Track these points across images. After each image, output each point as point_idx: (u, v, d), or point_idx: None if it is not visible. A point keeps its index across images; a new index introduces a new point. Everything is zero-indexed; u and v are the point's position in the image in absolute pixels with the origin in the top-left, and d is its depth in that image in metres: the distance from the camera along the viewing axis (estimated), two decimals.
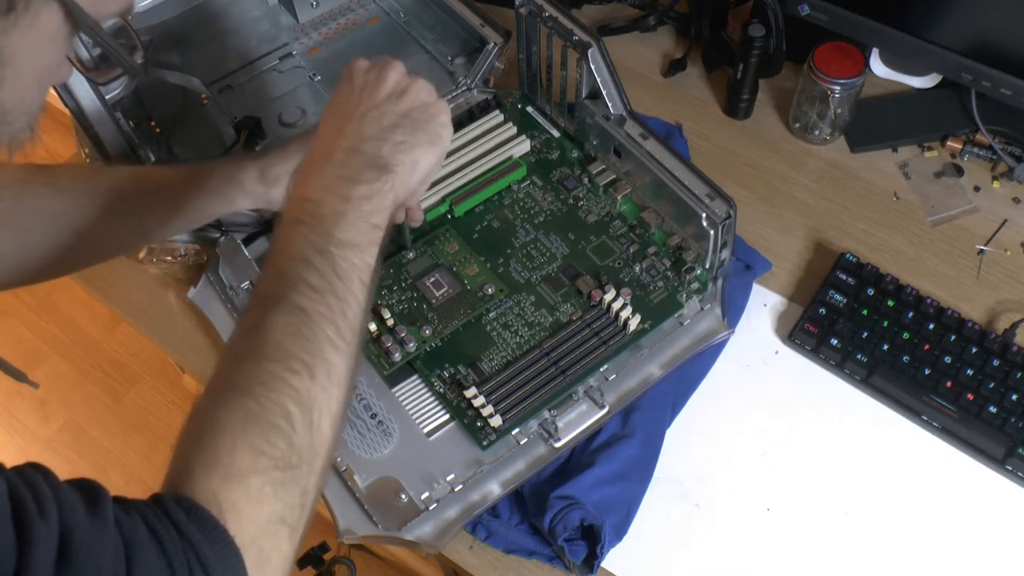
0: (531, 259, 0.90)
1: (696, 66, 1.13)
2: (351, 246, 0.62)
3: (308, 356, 0.57)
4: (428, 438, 0.81)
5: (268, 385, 0.55)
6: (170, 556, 0.47)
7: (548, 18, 0.90)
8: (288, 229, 0.62)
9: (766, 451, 0.84)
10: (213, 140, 1.00)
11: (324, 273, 0.60)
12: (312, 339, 0.58)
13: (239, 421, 0.53)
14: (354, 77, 0.71)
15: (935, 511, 0.80)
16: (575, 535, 0.77)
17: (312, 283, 0.60)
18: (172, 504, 0.49)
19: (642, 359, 0.85)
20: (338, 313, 0.60)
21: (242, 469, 0.52)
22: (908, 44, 0.95)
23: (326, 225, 0.62)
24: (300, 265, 0.60)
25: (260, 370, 0.56)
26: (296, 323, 0.58)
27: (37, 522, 0.43)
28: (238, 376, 0.56)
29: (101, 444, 1.87)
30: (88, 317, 2.02)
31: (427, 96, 0.71)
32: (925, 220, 0.98)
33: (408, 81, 0.71)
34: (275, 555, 0.52)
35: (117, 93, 0.96)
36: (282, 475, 0.53)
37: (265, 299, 0.59)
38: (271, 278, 0.61)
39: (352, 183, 0.64)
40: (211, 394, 0.56)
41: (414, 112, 0.70)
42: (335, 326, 0.59)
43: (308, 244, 0.61)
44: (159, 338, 0.96)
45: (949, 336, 0.86)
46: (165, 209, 0.84)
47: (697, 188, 0.84)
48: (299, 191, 0.64)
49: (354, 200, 0.64)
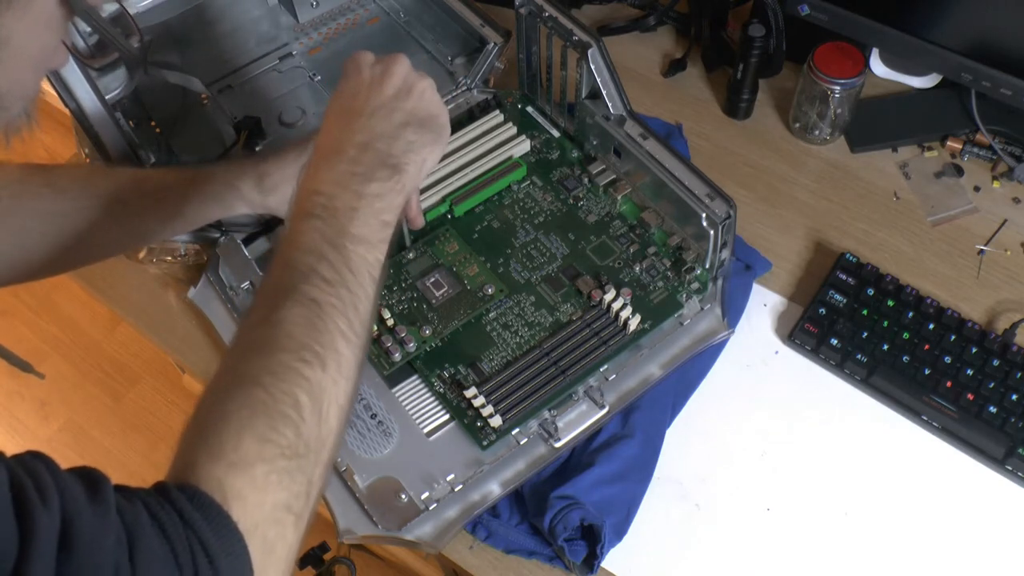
0: (531, 259, 0.90)
1: (696, 66, 1.13)
2: (363, 241, 0.63)
3: (320, 347, 0.57)
4: (428, 438, 0.81)
5: (279, 375, 0.55)
6: (173, 542, 0.46)
7: (548, 18, 0.90)
8: (300, 222, 0.62)
9: (766, 451, 0.84)
10: (213, 140, 1.00)
11: (337, 267, 0.61)
12: (324, 330, 0.58)
13: (247, 410, 0.53)
14: (361, 70, 0.70)
15: (935, 511, 0.80)
16: (575, 535, 0.77)
17: (325, 276, 0.60)
18: (175, 491, 0.49)
19: (642, 359, 0.85)
20: (350, 306, 0.60)
21: (248, 457, 0.51)
22: (908, 44, 0.95)
23: (339, 219, 0.62)
24: (313, 258, 0.60)
25: (272, 361, 0.56)
26: (309, 314, 0.58)
27: (39, 510, 0.43)
28: (249, 366, 0.56)
29: (101, 444, 1.88)
30: (88, 317, 2.02)
31: (431, 95, 0.71)
32: (925, 220, 0.98)
33: (414, 78, 0.71)
34: (280, 544, 0.52)
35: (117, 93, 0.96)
36: (288, 464, 0.53)
37: (277, 290, 0.59)
38: (283, 269, 0.61)
39: (365, 180, 0.65)
40: (220, 384, 0.56)
41: (420, 111, 0.70)
42: (347, 319, 0.59)
43: (321, 237, 0.61)
44: (159, 338, 0.96)
45: (949, 336, 0.86)
46: (164, 213, 0.85)
47: (697, 188, 0.84)
48: (311, 184, 0.64)
49: (367, 197, 0.64)
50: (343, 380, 0.58)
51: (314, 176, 0.65)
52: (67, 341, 2.00)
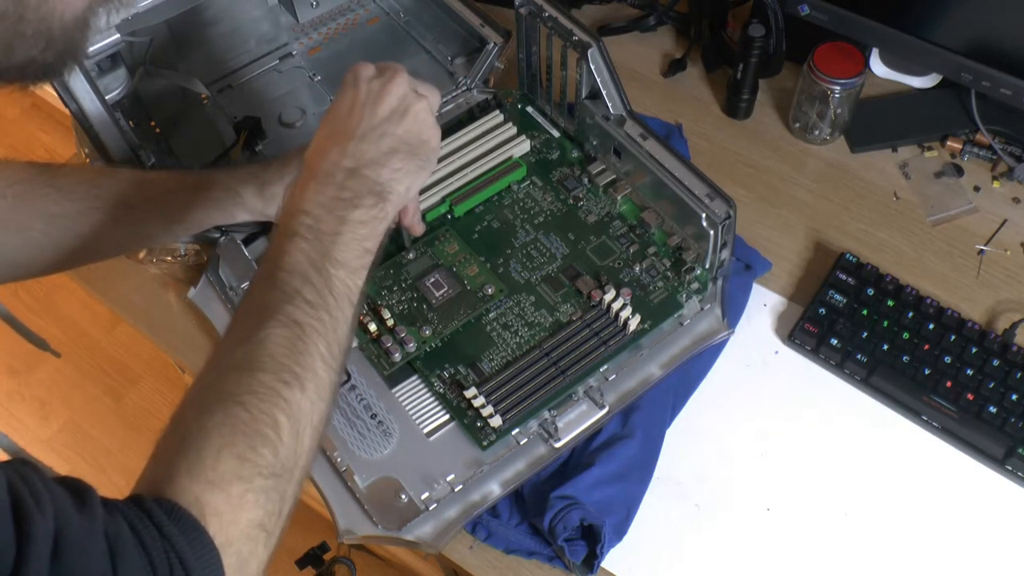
0: (531, 259, 0.90)
1: (696, 66, 1.13)
2: (345, 266, 0.64)
3: (300, 369, 0.58)
4: (428, 438, 0.81)
5: (260, 395, 0.56)
6: (152, 555, 0.47)
7: (548, 18, 0.90)
8: (286, 240, 0.63)
9: (766, 451, 0.84)
10: (213, 140, 1.00)
11: (320, 290, 0.62)
12: (305, 352, 0.59)
13: (228, 428, 0.54)
14: (359, 84, 0.70)
15: (935, 511, 0.80)
16: (575, 535, 0.77)
17: (308, 298, 0.61)
18: (154, 505, 0.49)
19: (642, 359, 0.85)
20: (330, 330, 0.61)
21: (226, 475, 0.52)
22: (908, 44, 0.95)
23: (323, 243, 0.63)
24: (298, 279, 0.61)
25: (254, 380, 0.57)
26: (291, 336, 0.59)
27: (36, 516, 0.43)
28: (231, 384, 0.56)
29: (101, 444, 1.88)
30: (88, 317, 2.02)
31: (425, 116, 0.71)
32: (925, 220, 0.98)
33: (411, 100, 0.70)
34: (252, 560, 0.53)
35: (117, 93, 0.96)
36: (265, 483, 0.54)
37: (261, 309, 0.60)
38: (268, 288, 0.62)
39: (351, 206, 0.65)
40: (202, 398, 0.56)
41: (410, 136, 0.70)
42: (327, 342, 0.61)
43: (306, 259, 0.62)
44: (159, 338, 0.96)
45: (949, 336, 0.86)
46: (166, 217, 0.85)
47: (697, 188, 0.84)
48: (298, 204, 0.65)
49: (351, 223, 0.65)
50: (320, 402, 0.60)
51: (302, 196, 0.65)
52: (67, 341, 2.00)
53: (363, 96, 0.69)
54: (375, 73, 0.71)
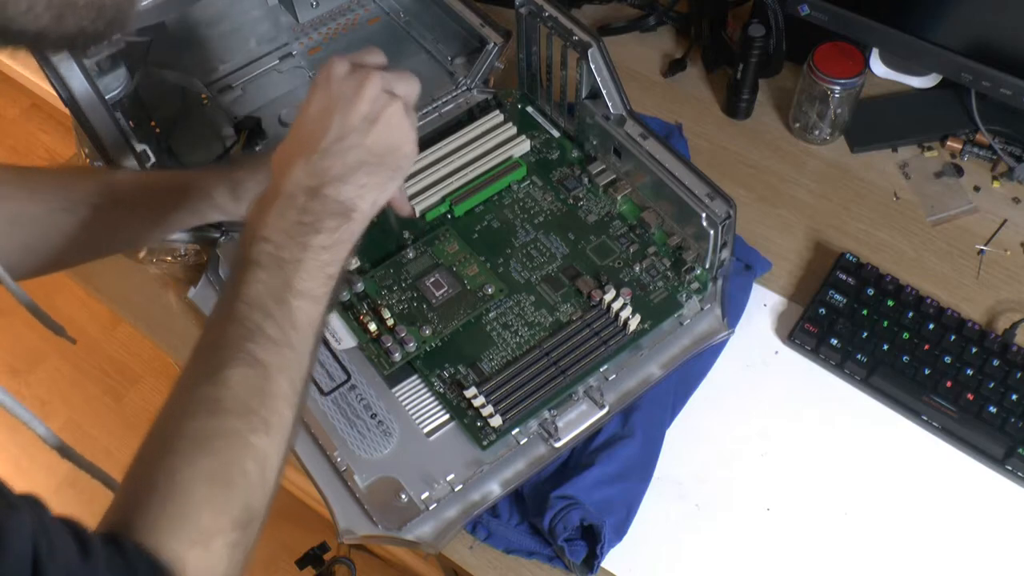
0: (531, 259, 0.90)
1: (696, 66, 1.13)
2: (307, 296, 0.62)
3: (266, 412, 0.58)
4: (428, 438, 0.81)
5: (230, 441, 0.56)
6: None
7: (548, 18, 0.90)
8: (246, 271, 0.62)
9: (766, 451, 0.84)
10: (213, 140, 1.00)
11: (282, 324, 0.61)
12: (270, 394, 0.59)
13: (205, 482, 0.54)
14: (331, 84, 0.66)
15: (935, 511, 0.80)
16: (575, 535, 0.77)
17: (270, 335, 0.60)
18: (135, 555, 0.50)
19: (642, 359, 0.85)
20: (295, 366, 0.61)
21: (208, 532, 0.53)
22: (908, 44, 0.95)
23: (285, 271, 0.62)
24: (258, 314, 0.60)
25: (223, 425, 0.56)
26: (255, 376, 0.58)
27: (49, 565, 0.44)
28: (198, 428, 0.56)
29: (101, 444, 1.88)
30: (88, 317, 2.02)
31: (399, 122, 0.66)
32: (925, 220, 0.98)
33: (383, 102, 0.66)
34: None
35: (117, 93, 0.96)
36: (237, 535, 0.55)
37: (223, 346, 0.60)
38: (229, 322, 0.61)
39: (313, 231, 0.63)
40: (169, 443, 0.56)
41: (379, 145, 0.66)
42: (290, 379, 0.60)
43: (267, 291, 0.61)
44: (159, 338, 0.96)
45: (949, 336, 0.86)
46: (139, 220, 0.83)
47: (697, 188, 0.84)
48: (259, 229, 0.63)
49: (313, 249, 0.63)
50: (283, 442, 0.60)
51: (262, 220, 0.63)
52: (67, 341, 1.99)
53: (334, 98, 0.65)
54: (348, 70, 0.66)
